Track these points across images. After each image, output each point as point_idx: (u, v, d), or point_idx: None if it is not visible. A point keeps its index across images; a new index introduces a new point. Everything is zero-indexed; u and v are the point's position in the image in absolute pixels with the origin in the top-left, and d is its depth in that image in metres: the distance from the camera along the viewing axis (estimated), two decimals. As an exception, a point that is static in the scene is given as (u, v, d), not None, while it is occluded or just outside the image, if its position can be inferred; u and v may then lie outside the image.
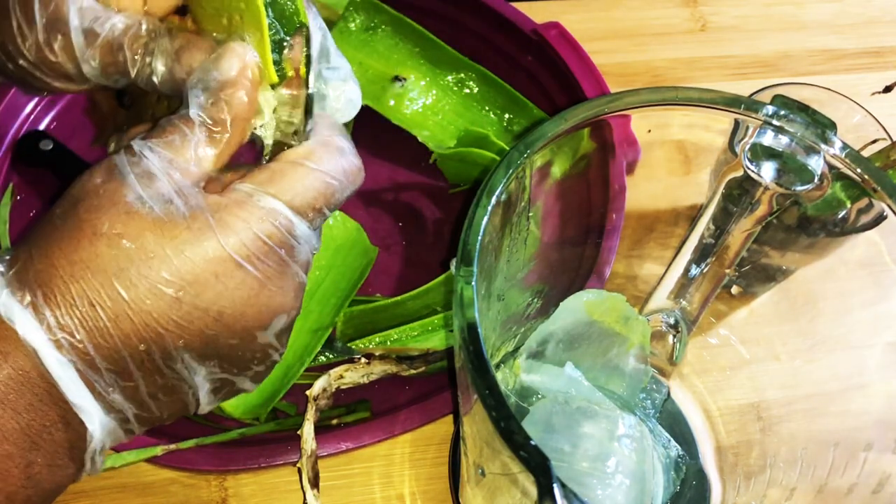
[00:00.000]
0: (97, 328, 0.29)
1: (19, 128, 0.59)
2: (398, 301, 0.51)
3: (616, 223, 0.48)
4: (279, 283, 0.31)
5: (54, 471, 0.30)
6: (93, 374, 0.29)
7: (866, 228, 0.45)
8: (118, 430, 0.32)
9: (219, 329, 0.31)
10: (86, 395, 0.30)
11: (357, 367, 0.49)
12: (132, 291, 0.29)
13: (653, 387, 0.48)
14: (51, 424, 0.29)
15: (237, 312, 0.31)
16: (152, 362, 0.30)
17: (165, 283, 0.29)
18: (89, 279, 0.29)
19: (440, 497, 0.49)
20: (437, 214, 0.59)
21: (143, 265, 0.29)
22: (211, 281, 0.30)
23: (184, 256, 0.30)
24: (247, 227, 0.30)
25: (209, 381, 0.32)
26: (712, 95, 0.37)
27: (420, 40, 0.59)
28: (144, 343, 0.30)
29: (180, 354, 0.30)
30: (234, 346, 0.32)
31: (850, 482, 0.38)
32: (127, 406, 0.31)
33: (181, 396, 0.32)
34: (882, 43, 0.71)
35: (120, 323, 0.29)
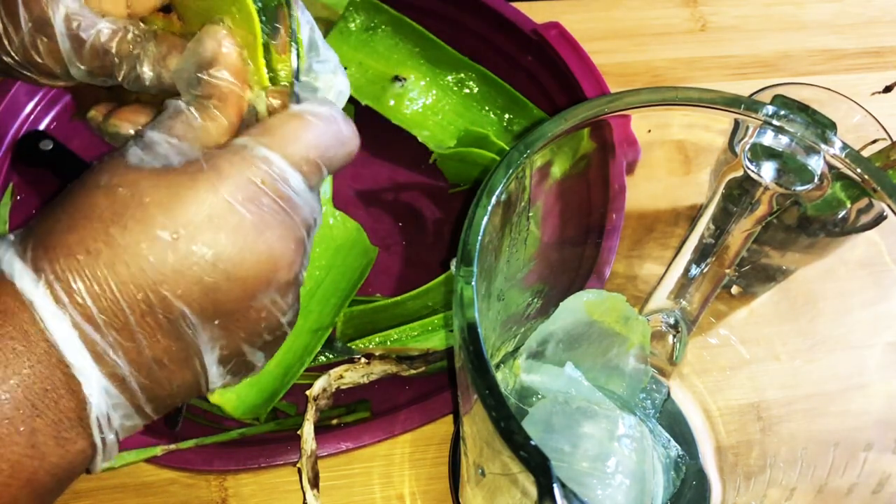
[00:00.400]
0: (93, 276, 0.29)
1: (19, 128, 0.59)
2: (398, 301, 0.51)
3: (616, 223, 0.48)
4: (277, 231, 0.31)
5: (61, 444, 0.29)
6: (91, 330, 0.29)
7: (866, 228, 0.45)
8: (125, 405, 0.30)
9: (217, 277, 0.30)
10: (83, 354, 0.29)
11: (357, 367, 0.49)
12: (128, 236, 0.29)
13: (653, 387, 0.48)
14: (52, 389, 0.29)
15: (235, 258, 0.30)
16: (153, 316, 0.29)
17: (160, 227, 0.29)
18: (86, 227, 0.29)
19: (440, 497, 0.49)
20: (437, 214, 0.59)
21: (138, 210, 0.29)
22: (206, 223, 0.29)
23: (178, 200, 0.29)
24: (240, 172, 0.30)
25: (217, 349, 0.31)
26: (712, 95, 0.37)
27: (420, 40, 0.59)
28: (142, 291, 0.29)
29: (180, 306, 0.30)
30: (236, 300, 0.31)
31: (850, 482, 0.38)
32: (129, 372, 0.30)
33: (188, 364, 0.31)
34: (882, 43, 0.71)
35: (117, 270, 0.29)
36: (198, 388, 0.33)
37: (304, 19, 0.35)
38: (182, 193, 0.30)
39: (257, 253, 0.30)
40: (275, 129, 0.32)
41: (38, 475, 0.29)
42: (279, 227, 0.31)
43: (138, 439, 0.45)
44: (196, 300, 0.30)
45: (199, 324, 0.30)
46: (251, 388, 0.48)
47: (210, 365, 0.32)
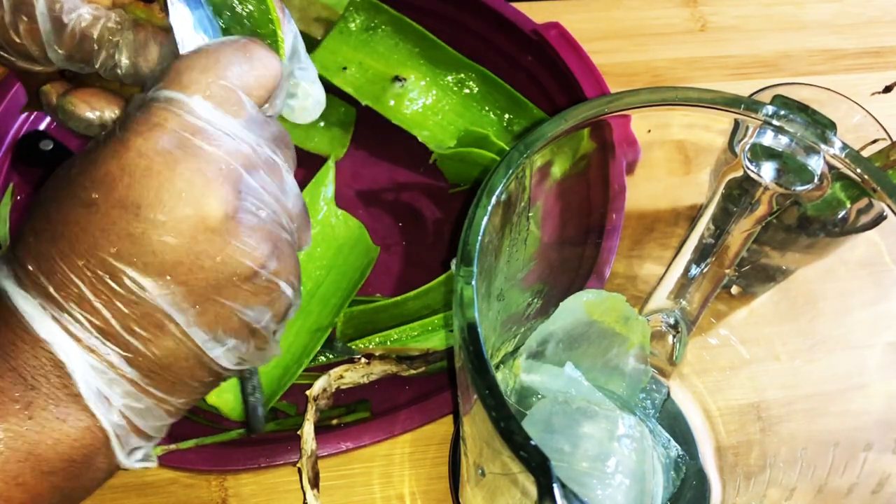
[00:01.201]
0: (42, 254, 0.30)
1: (19, 128, 0.59)
2: (398, 301, 0.51)
3: (616, 223, 0.48)
4: (192, 164, 0.30)
5: (61, 417, 0.29)
6: (54, 309, 0.29)
7: (866, 228, 0.45)
8: (119, 380, 0.30)
9: (143, 225, 0.29)
10: (53, 329, 0.29)
11: (357, 367, 0.49)
12: (62, 209, 0.30)
13: (653, 387, 0.48)
14: (39, 366, 0.29)
15: (153, 201, 0.29)
16: (101, 282, 0.29)
17: (82, 190, 0.30)
18: (34, 213, 0.31)
19: (440, 497, 0.49)
20: (437, 214, 0.59)
21: (65, 182, 0.31)
22: (118, 173, 0.29)
23: (93, 163, 0.30)
24: (143, 119, 0.30)
25: (187, 310, 0.31)
26: (712, 95, 0.37)
27: (420, 40, 0.59)
28: (82, 258, 0.29)
29: (119, 265, 0.29)
30: (175, 247, 0.30)
31: (850, 482, 0.38)
32: (103, 342, 0.30)
33: (164, 330, 0.30)
34: (882, 43, 0.71)
35: (57, 243, 0.30)
36: (198, 360, 0.32)
37: (288, 28, 0.35)
38: (97, 156, 0.30)
39: (175, 191, 0.29)
40: (172, 70, 0.31)
41: (39, 448, 0.29)
42: (194, 160, 0.30)
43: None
44: (132, 255, 0.29)
45: (148, 282, 0.30)
46: None
47: (190, 328, 0.31)
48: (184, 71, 0.31)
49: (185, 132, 0.30)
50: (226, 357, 0.33)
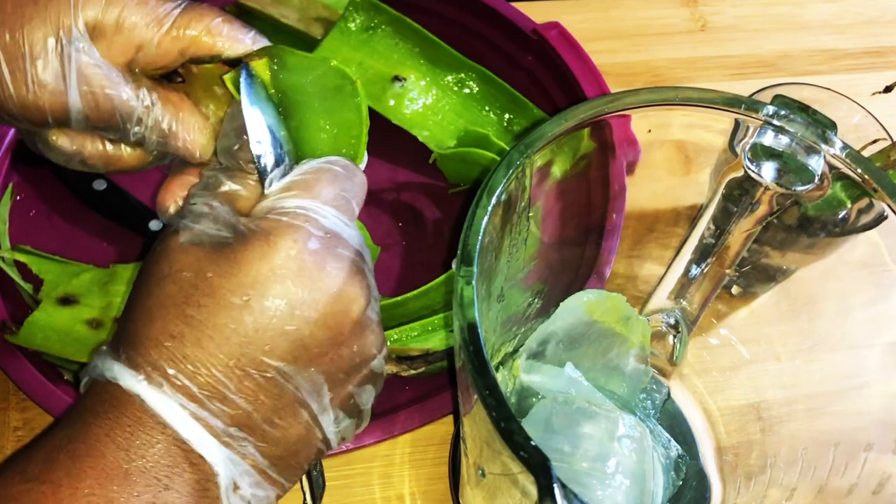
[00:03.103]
0: (184, 357, 0.30)
1: (19, 128, 0.59)
2: (398, 301, 0.51)
3: (616, 223, 0.48)
4: (335, 263, 0.32)
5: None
6: (197, 408, 0.30)
7: (866, 228, 0.45)
8: (251, 472, 0.32)
9: (297, 323, 0.31)
10: (197, 430, 0.30)
11: None
12: (204, 312, 0.31)
13: (653, 387, 0.48)
14: (174, 464, 0.30)
15: (308, 299, 0.31)
16: (250, 378, 0.31)
17: (230, 293, 0.31)
18: (164, 316, 0.31)
19: (440, 497, 0.49)
20: (437, 214, 0.59)
21: (205, 285, 0.31)
22: (270, 277, 0.31)
23: (239, 265, 0.31)
24: (284, 223, 0.32)
25: (321, 395, 0.32)
26: (712, 95, 0.37)
27: (420, 40, 0.59)
28: (233, 359, 0.30)
29: (271, 362, 0.31)
30: (323, 340, 0.32)
31: (850, 482, 0.38)
32: (244, 436, 0.31)
33: (298, 418, 0.32)
34: (882, 43, 0.71)
35: (203, 346, 0.30)
36: (316, 443, 0.34)
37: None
38: (240, 258, 0.31)
39: (326, 288, 0.32)
40: (296, 183, 0.34)
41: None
42: (336, 260, 0.32)
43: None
44: (285, 351, 0.31)
45: (295, 373, 0.32)
46: None
47: (320, 414, 0.33)
48: (313, 183, 0.34)
49: (325, 234, 0.32)
50: (335, 438, 0.35)
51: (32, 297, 0.52)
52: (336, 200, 0.34)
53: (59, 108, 0.34)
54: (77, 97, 0.34)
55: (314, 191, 0.33)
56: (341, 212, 0.34)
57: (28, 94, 0.33)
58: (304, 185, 0.34)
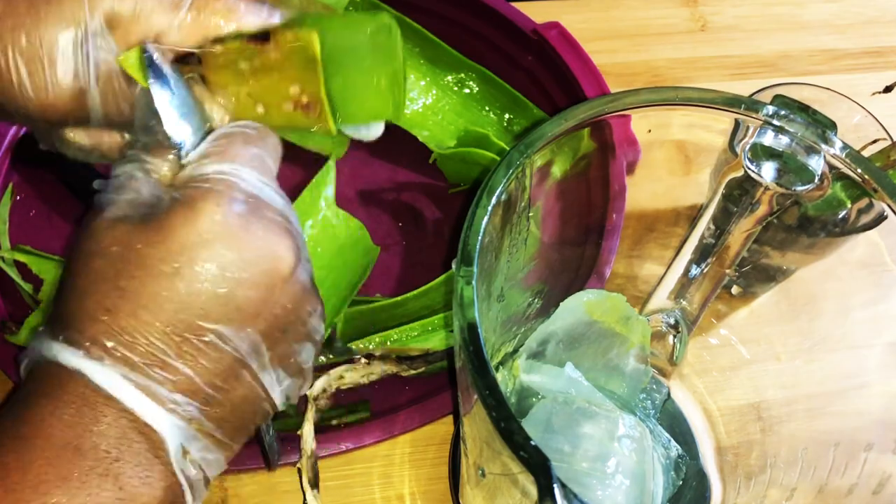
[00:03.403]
0: (121, 330, 0.30)
1: (20, 127, 0.59)
2: (398, 301, 0.51)
3: (616, 223, 0.48)
4: (260, 224, 0.32)
5: (147, 482, 0.30)
6: (139, 377, 0.30)
7: (866, 228, 0.45)
8: (198, 437, 0.32)
9: (229, 285, 0.31)
10: (138, 397, 0.30)
11: (357, 368, 0.49)
12: (136, 283, 0.30)
13: (653, 387, 0.48)
14: (123, 436, 0.30)
15: (237, 261, 0.31)
16: (188, 343, 0.31)
17: (161, 262, 0.31)
18: (97, 291, 0.31)
19: (440, 497, 0.49)
20: (437, 214, 0.59)
21: (134, 257, 0.31)
22: (198, 242, 0.31)
23: (165, 233, 0.31)
24: (206, 189, 0.32)
25: (261, 355, 0.33)
26: (712, 95, 0.37)
27: (420, 40, 0.59)
28: (169, 325, 0.30)
29: (208, 325, 0.31)
30: (256, 300, 0.32)
31: (850, 482, 0.38)
32: (188, 402, 0.31)
33: (240, 379, 0.32)
34: (882, 43, 0.71)
35: (138, 316, 0.30)
36: (261, 403, 0.34)
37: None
38: (167, 227, 0.31)
39: (253, 248, 0.32)
40: (212, 149, 0.34)
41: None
42: (260, 220, 0.32)
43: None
44: (219, 314, 0.31)
45: (232, 335, 0.32)
46: None
47: (260, 373, 0.33)
48: (228, 147, 0.34)
49: (247, 197, 0.32)
50: (280, 397, 0.35)
51: (32, 297, 0.52)
52: (253, 161, 0.33)
53: (80, 108, 0.34)
54: (97, 96, 0.34)
55: (230, 154, 0.33)
56: (260, 173, 0.33)
57: (48, 96, 0.33)
58: (220, 151, 0.33)
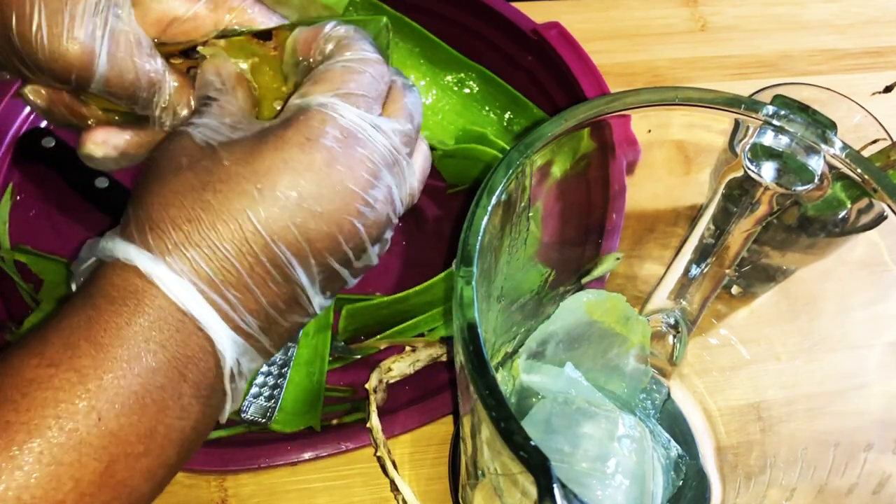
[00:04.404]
0: (201, 241, 0.31)
1: (20, 125, 0.59)
2: (400, 298, 0.51)
3: (616, 223, 0.48)
4: (345, 162, 0.33)
5: (202, 402, 0.32)
6: (211, 291, 0.31)
7: (866, 228, 0.45)
8: (250, 350, 0.33)
9: (304, 216, 0.32)
10: (211, 315, 0.31)
11: (404, 357, 0.49)
12: (220, 197, 0.32)
13: (653, 387, 0.48)
14: (192, 355, 0.31)
15: (315, 194, 0.32)
16: (260, 265, 0.32)
17: (245, 181, 0.32)
18: (181, 203, 0.32)
19: (440, 497, 0.49)
20: (437, 214, 0.59)
21: (222, 173, 0.32)
22: (282, 168, 0.32)
23: (254, 155, 0.32)
24: (302, 120, 0.33)
25: (317, 282, 0.34)
26: (712, 95, 0.37)
27: (420, 40, 0.59)
28: (245, 244, 0.31)
29: (279, 250, 0.32)
30: (326, 235, 0.33)
31: (850, 482, 0.38)
32: (251, 321, 0.32)
33: (298, 301, 0.34)
34: (882, 43, 0.71)
35: (218, 229, 0.31)
36: (306, 318, 0.35)
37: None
38: (256, 149, 0.32)
39: (332, 185, 0.33)
40: (318, 79, 0.35)
41: (185, 433, 0.32)
42: (347, 159, 0.33)
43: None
44: (291, 242, 0.32)
45: (298, 262, 0.33)
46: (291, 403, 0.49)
47: (313, 297, 0.34)
48: (336, 81, 0.34)
49: (339, 133, 0.33)
50: (320, 310, 0.36)
51: (32, 297, 0.52)
52: (356, 97, 0.34)
53: (86, 67, 0.35)
54: (105, 60, 0.35)
55: (334, 87, 0.34)
56: (364, 109, 0.34)
57: (59, 47, 0.34)
58: (325, 80, 0.34)
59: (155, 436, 0.30)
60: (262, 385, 0.49)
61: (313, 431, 0.48)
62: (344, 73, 0.35)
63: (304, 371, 0.50)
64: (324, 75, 0.35)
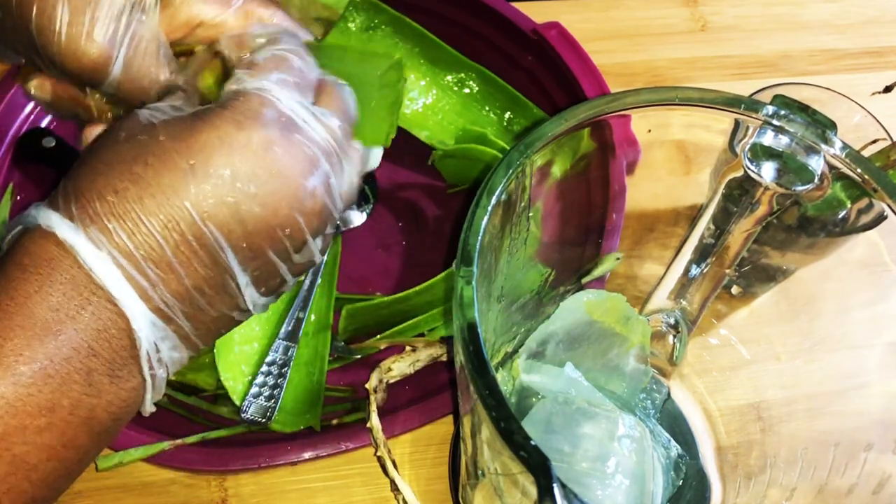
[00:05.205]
0: (124, 213, 0.30)
1: (20, 125, 0.59)
2: (400, 298, 0.51)
3: (616, 223, 0.48)
4: (283, 145, 0.32)
5: (115, 381, 0.31)
6: (130, 267, 0.30)
7: (866, 228, 0.45)
8: (172, 336, 0.32)
9: (237, 196, 0.31)
10: (127, 291, 0.30)
11: (404, 357, 0.49)
12: (150, 171, 0.31)
13: (653, 387, 0.48)
14: (104, 329, 0.30)
15: (250, 174, 0.31)
16: (186, 244, 0.31)
17: (178, 156, 0.31)
18: (111, 171, 0.31)
19: (440, 497, 0.49)
20: (437, 214, 0.59)
21: (156, 147, 0.31)
22: (217, 144, 0.31)
23: (190, 131, 0.31)
24: (240, 101, 0.32)
25: (248, 269, 0.33)
26: (712, 95, 0.37)
27: (420, 40, 0.59)
28: (171, 221, 0.31)
29: (209, 230, 0.31)
30: (259, 217, 0.32)
31: (850, 482, 0.38)
32: (173, 302, 0.31)
33: (226, 288, 0.33)
34: (882, 43, 0.71)
35: (145, 203, 0.30)
36: (238, 311, 0.34)
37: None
38: (193, 126, 0.32)
39: (268, 167, 0.32)
40: (253, 66, 0.34)
41: (95, 412, 0.30)
42: (285, 142, 0.32)
43: (143, 438, 0.45)
44: (222, 222, 0.31)
45: (229, 245, 0.32)
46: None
47: (245, 286, 0.33)
48: (273, 64, 0.34)
49: (278, 117, 0.33)
50: (254, 308, 0.35)
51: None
52: (293, 82, 0.34)
53: (100, 70, 0.35)
54: (121, 65, 0.35)
55: (272, 71, 0.34)
56: (301, 95, 0.34)
57: (77, 48, 0.34)
58: (264, 67, 0.34)
59: (57, 410, 0.29)
60: (262, 385, 0.49)
61: (313, 431, 0.48)
62: (277, 61, 0.34)
63: (304, 371, 0.50)
64: (258, 63, 0.34)
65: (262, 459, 0.46)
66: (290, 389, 0.49)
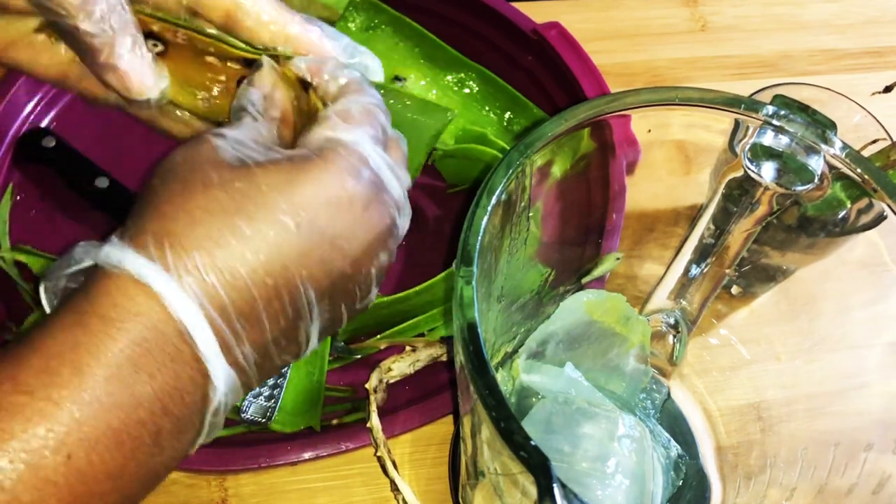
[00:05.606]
0: (224, 267, 0.29)
1: (20, 126, 0.59)
2: (400, 297, 0.51)
3: (616, 223, 0.48)
4: (377, 206, 0.33)
5: (179, 439, 0.30)
6: (221, 321, 0.29)
7: (866, 228, 0.45)
8: (238, 387, 0.31)
9: (335, 255, 0.31)
10: (214, 347, 0.29)
11: (404, 357, 0.49)
12: (253, 225, 0.30)
13: (653, 387, 0.48)
14: (181, 387, 0.29)
15: (347, 234, 0.32)
16: (279, 299, 0.30)
17: (283, 212, 0.30)
18: (210, 222, 0.30)
19: (440, 497, 0.49)
20: (437, 214, 0.59)
21: (258, 198, 0.30)
22: (323, 207, 0.31)
23: (294, 185, 0.31)
24: (341, 155, 0.32)
25: (322, 320, 0.33)
26: (712, 95, 0.37)
27: (420, 40, 0.59)
28: (271, 277, 0.30)
29: (304, 287, 0.31)
30: (346, 275, 0.32)
31: (850, 482, 0.38)
32: (251, 354, 0.31)
33: (298, 339, 0.32)
34: (882, 43, 0.71)
35: (246, 258, 0.30)
36: (295, 359, 0.34)
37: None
38: (296, 178, 0.31)
39: (363, 228, 0.32)
40: (344, 116, 0.34)
41: (155, 469, 0.29)
42: (377, 203, 0.33)
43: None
44: (317, 279, 0.31)
45: (315, 301, 0.32)
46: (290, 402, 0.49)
47: (313, 335, 0.33)
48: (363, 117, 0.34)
49: (373, 176, 0.33)
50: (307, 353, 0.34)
51: (32, 297, 0.52)
52: (378, 139, 0.34)
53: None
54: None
55: (367, 129, 0.34)
56: (385, 150, 0.34)
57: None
58: (361, 120, 0.34)
59: (125, 475, 0.28)
60: (261, 385, 0.49)
61: (313, 431, 0.48)
62: (369, 116, 0.34)
63: (304, 371, 0.50)
64: (353, 115, 0.34)
65: (262, 459, 0.46)
66: (290, 389, 0.49)
